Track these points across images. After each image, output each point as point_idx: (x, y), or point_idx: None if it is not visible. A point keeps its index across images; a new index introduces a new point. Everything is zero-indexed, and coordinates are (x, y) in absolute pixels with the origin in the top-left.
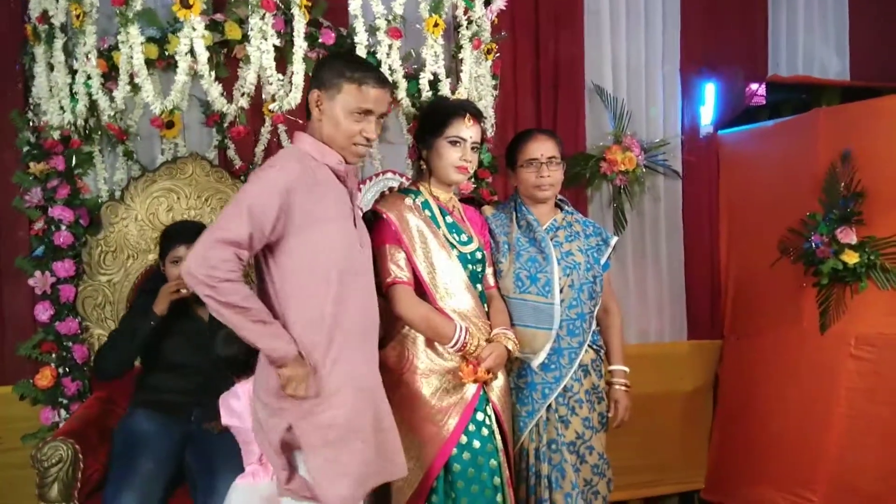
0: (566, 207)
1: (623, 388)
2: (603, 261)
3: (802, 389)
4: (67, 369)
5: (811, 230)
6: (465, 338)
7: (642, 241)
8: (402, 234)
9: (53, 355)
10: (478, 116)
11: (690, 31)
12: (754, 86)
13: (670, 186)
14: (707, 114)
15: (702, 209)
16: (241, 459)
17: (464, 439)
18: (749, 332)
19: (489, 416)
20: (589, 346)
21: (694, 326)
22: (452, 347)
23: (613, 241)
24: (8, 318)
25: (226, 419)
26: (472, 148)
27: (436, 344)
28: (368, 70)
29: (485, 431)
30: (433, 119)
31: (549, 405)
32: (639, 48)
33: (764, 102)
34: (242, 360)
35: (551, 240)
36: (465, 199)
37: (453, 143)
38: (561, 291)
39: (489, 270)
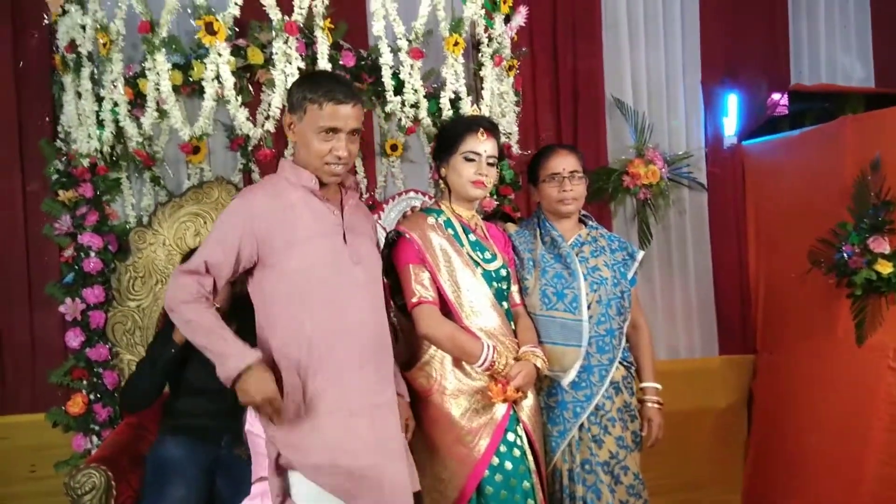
0: (590, 222)
1: (656, 405)
2: (630, 275)
3: (840, 404)
4: (98, 395)
5: (842, 240)
6: (492, 356)
7: (669, 256)
8: (425, 252)
9: (84, 382)
10: (492, 130)
11: (711, 42)
12: (777, 95)
13: (695, 199)
14: (730, 125)
15: (729, 221)
16: None
17: (495, 460)
18: (782, 345)
19: (520, 437)
20: (619, 362)
21: (725, 341)
22: (480, 366)
23: (640, 255)
24: (39, 345)
25: (248, 424)
26: (489, 163)
27: (464, 364)
28: (330, 88)
29: (516, 452)
30: (448, 137)
31: (582, 424)
32: (658, 60)
33: (786, 112)
34: None
35: (576, 255)
36: (488, 217)
37: (468, 158)
38: (588, 307)
39: (514, 288)
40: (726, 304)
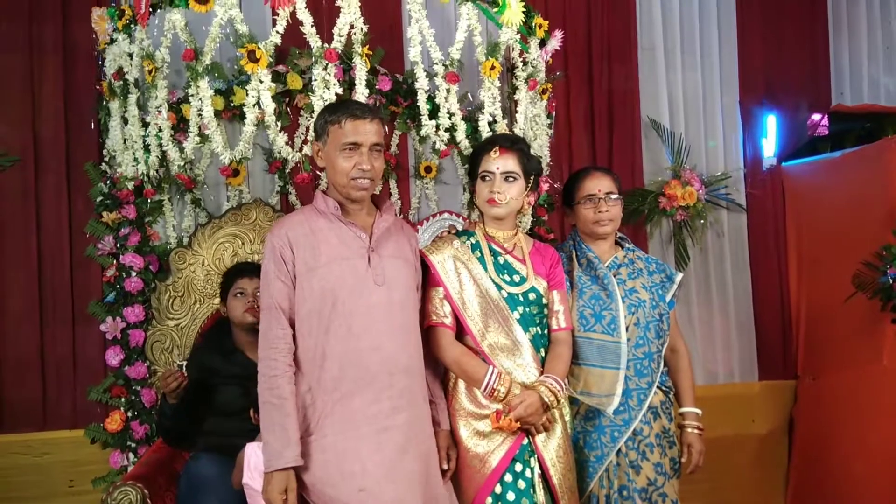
0: (627, 244)
1: (696, 431)
2: (668, 298)
3: (885, 431)
4: (136, 413)
5: (887, 263)
6: (493, 383)
7: (707, 278)
8: (441, 276)
9: (122, 399)
10: (509, 147)
11: (749, 61)
12: (817, 116)
13: (734, 221)
14: (769, 146)
15: (769, 244)
16: None
17: (498, 489)
18: (824, 371)
19: (531, 468)
20: (658, 387)
21: (765, 366)
22: (482, 391)
23: (678, 277)
24: (80, 362)
25: (247, 478)
26: (507, 178)
27: (474, 388)
28: (346, 108)
29: (521, 484)
30: (472, 160)
31: (619, 450)
32: (696, 80)
33: (827, 133)
34: None
35: (614, 277)
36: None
37: (483, 178)
38: (627, 330)
39: (561, 308)
40: (766, 328)
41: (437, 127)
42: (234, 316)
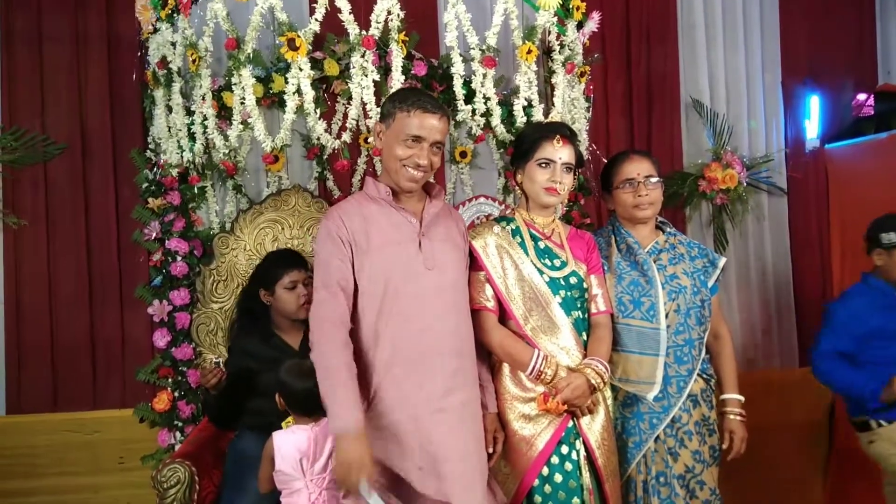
0: (668, 229)
1: (738, 417)
2: (711, 283)
3: None
4: (182, 393)
5: None
6: (540, 365)
7: (746, 263)
8: (483, 261)
9: (169, 380)
10: (569, 138)
11: (792, 41)
12: (863, 96)
13: (775, 204)
14: (812, 127)
15: (811, 228)
16: None
17: (545, 471)
18: None
19: (577, 451)
20: (699, 374)
21: (806, 352)
22: (528, 375)
23: (721, 262)
24: (128, 344)
25: (278, 464)
26: (566, 169)
27: (518, 371)
28: (419, 99)
29: (568, 466)
30: (525, 143)
31: (658, 436)
32: (737, 60)
33: (872, 113)
34: (318, 396)
35: (654, 262)
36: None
37: (543, 164)
38: (666, 316)
39: (599, 292)
40: (808, 314)
41: (473, 112)
42: (287, 309)
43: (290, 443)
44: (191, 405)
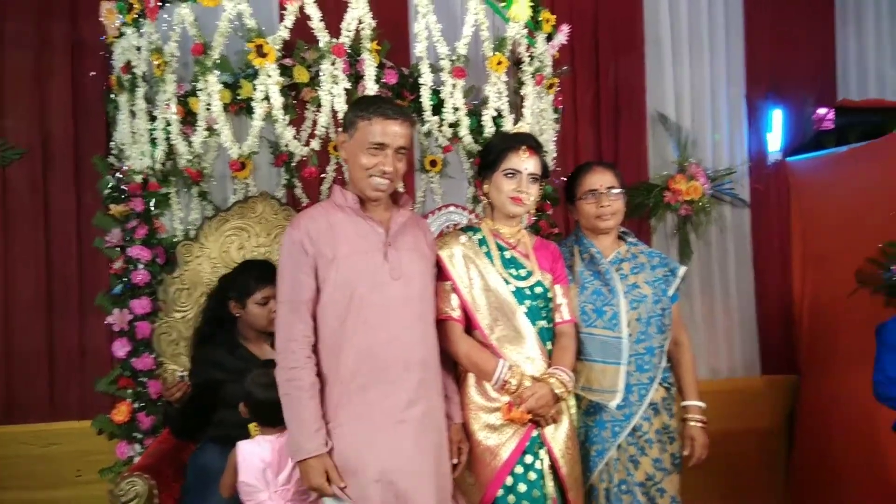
0: (630, 239)
1: (699, 424)
2: (671, 292)
3: (887, 428)
4: (142, 404)
5: (891, 259)
6: (504, 375)
7: (710, 273)
8: (450, 270)
9: (129, 391)
10: (535, 148)
11: (755, 55)
12: (823, 110)
13: (738, 216)
14: (774, 140)
15: (772, 239)
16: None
17: (509, 481)
18: (827, 366)
19: (541, 460)
20: (660, 383)
21: (768, 361)
22: (493, 385)
23: (681, 271)
24: (87, 354)
25: (242, 475)
26: (532, 179)
27: (483, 381)
28: (380, 106)
29: (532, 476)
30: (491, 153)
31: (619, 445)
32: (702, 74)
33: (833, 127)
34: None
35: (616, 272)
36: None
37: (509, 175)
38: (628, 325)
39: (563, 302)
40: (769, 323)
41: (441, 122)
42: (258, 324)
43: (255, 454)
44: (151, 417)
